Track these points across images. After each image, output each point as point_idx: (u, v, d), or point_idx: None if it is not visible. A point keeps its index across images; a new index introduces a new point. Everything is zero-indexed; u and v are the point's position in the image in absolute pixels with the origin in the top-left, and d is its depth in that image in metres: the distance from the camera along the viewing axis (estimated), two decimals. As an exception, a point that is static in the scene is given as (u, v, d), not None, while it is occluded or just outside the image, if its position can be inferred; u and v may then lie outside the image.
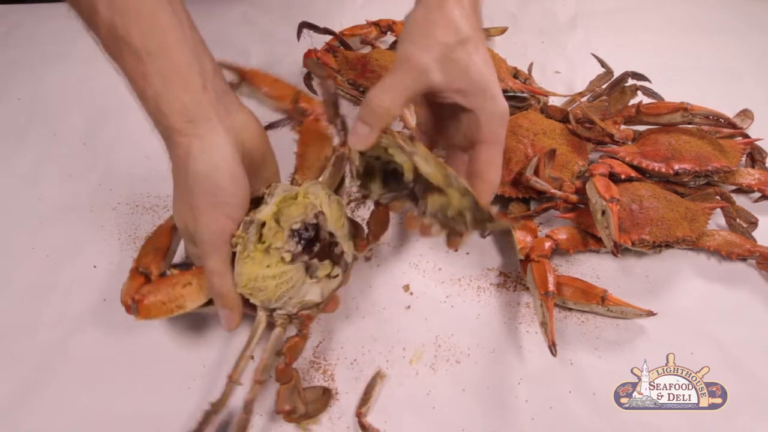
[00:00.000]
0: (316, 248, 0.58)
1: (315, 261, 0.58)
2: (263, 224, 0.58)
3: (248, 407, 0.56)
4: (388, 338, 0.67)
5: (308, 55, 0.92)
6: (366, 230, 0.64)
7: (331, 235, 0.59)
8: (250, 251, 0.57)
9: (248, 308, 0.61)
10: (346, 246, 0.60)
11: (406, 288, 0.71)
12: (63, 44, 0.99)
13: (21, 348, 0.66)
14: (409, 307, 0.69)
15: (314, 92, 0.93)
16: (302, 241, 0.57)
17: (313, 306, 0.59)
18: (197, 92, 0.54)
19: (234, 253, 0.57)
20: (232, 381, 0.56)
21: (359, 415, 0.60)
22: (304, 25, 0.94)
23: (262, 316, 0.59)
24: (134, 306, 0.58)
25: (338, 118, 0.66)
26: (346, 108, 0.92)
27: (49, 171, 0.82)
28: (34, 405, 0.61)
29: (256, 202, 0.60)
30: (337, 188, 0.65)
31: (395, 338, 0.67)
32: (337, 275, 0.59)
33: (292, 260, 0.57)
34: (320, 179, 0.65)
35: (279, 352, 0.58)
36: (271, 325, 0.60)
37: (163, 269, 0.62)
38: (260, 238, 0.57)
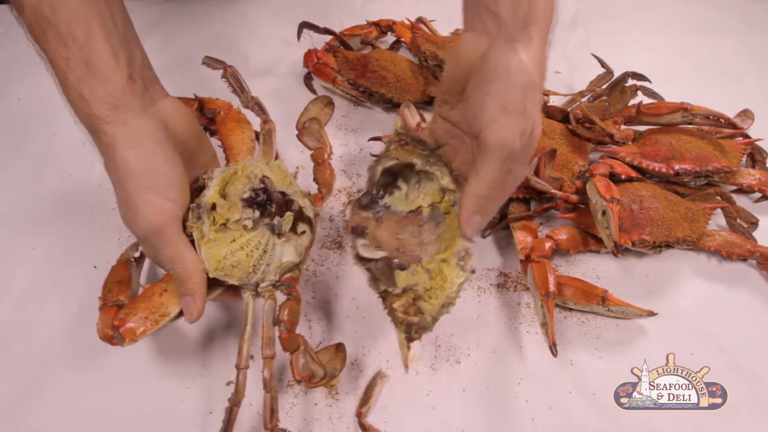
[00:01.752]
0: (273, 208, 0.58)
1: (277, 218, 0.58)
2: (213, 206, 0.58)
3: (268, 384, 0.56)
4: (388, 338, 0.67)
5: (308, 55, 0.92)
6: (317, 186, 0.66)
7: (283, 194, 0.60)
8: (208, 235, 0.57)
9: (233, 295, 0.61)
10: (302, 202, 0.61)
11: (407, 288, 0.71)
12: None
13: (21, 348, 0.66)
14: (409, 307, 0.69)
15: (314, 92, 0.93)
16: (257, 206, 0.58)
17: (294, 267, 0.60)
18: (122, 81, 0.54)
19: (192, 241, 0.57)
20: (240, 368, 0.57)
21: (359, 415, 0.60)
22: (305, 25, 0.94)
23: (247, 296, 0.59)
24: (116, 333, 0.56)
25: (252, 101, 0.69)
26: (345, 108, 0.92)
27: (49, 171, 0.82)
28: (34, 405, 0.61)
29: (198, 191, 0.60)
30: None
31: (395, 338, 0.67)
32: (305, 231, 0.60)
33: (254, 226, 0.57)
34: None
35: (276, 321, 0.58)
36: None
37: (132, 296, 0.61)
38: (214, 220, 0.57)
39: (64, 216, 0.77)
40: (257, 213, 0.58)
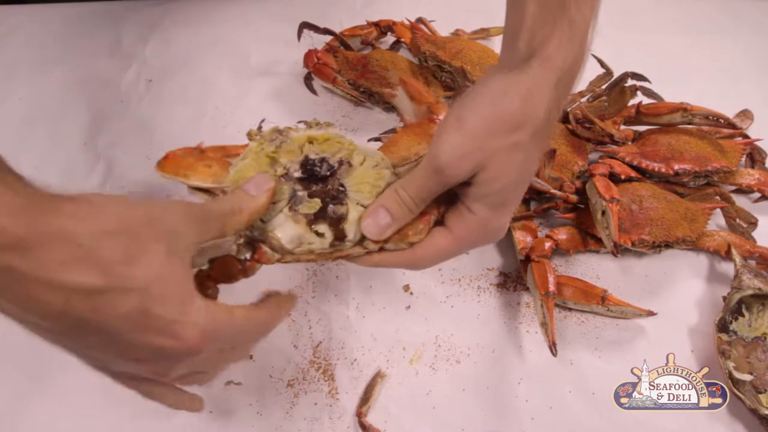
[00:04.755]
0: (316, 187, 0.51)
1: (304, 193, 0.51)
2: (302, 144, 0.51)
3: None
4: (388, 338, 0.67)
5: (309, 55, 0.92)
6: None
7: (342, 186, 0.51)
8: (258, 153, 0.50)
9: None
10: (355, 211, 0.51)
11: (406, 288, 0.71)
12: (64, 45, 0.99)
13: (21, 348, 0.65)
14: (409, 307, 0.70)
15: (314, 92, 0.93)
16: (306, 171, 0.51)
17: (275, 247, 0.50)
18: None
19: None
20: None
21: (359, 414, 0.60)
22: (305, 26, 0.94)
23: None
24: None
25: None
26: (345, 108, 0.92)
27: (50, 171, 0.82)
28: (34, 405, 0.61)
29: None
30: None
31: (395, 338, 0.67)
32: (323, 235, 0.50)
33: (283, 179, 0.50)
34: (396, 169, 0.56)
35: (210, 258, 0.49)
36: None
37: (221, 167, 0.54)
38: (276, 149, 0.51)
39: (64, 216, 0.77)
40: (298, 174, 0.51)
